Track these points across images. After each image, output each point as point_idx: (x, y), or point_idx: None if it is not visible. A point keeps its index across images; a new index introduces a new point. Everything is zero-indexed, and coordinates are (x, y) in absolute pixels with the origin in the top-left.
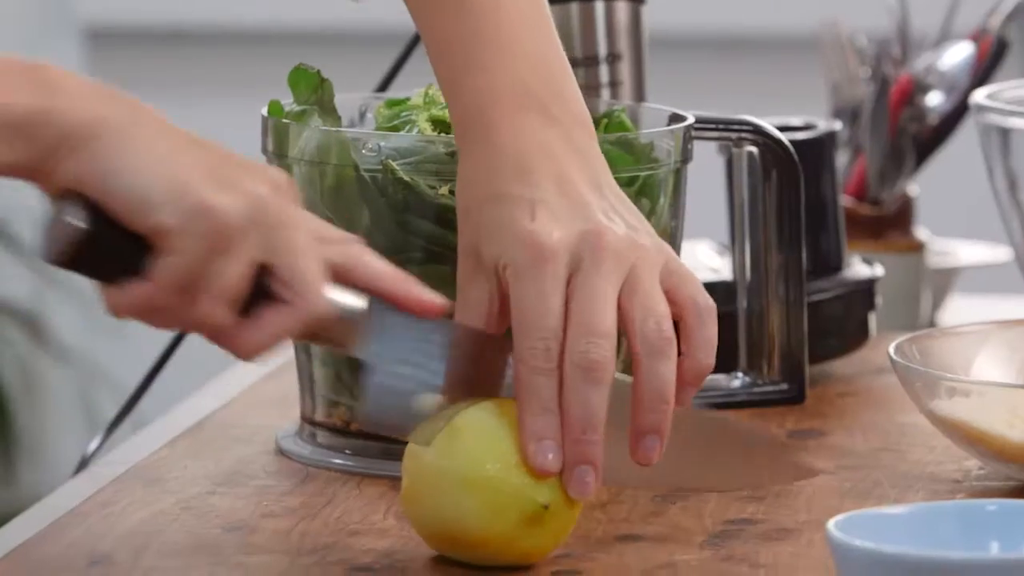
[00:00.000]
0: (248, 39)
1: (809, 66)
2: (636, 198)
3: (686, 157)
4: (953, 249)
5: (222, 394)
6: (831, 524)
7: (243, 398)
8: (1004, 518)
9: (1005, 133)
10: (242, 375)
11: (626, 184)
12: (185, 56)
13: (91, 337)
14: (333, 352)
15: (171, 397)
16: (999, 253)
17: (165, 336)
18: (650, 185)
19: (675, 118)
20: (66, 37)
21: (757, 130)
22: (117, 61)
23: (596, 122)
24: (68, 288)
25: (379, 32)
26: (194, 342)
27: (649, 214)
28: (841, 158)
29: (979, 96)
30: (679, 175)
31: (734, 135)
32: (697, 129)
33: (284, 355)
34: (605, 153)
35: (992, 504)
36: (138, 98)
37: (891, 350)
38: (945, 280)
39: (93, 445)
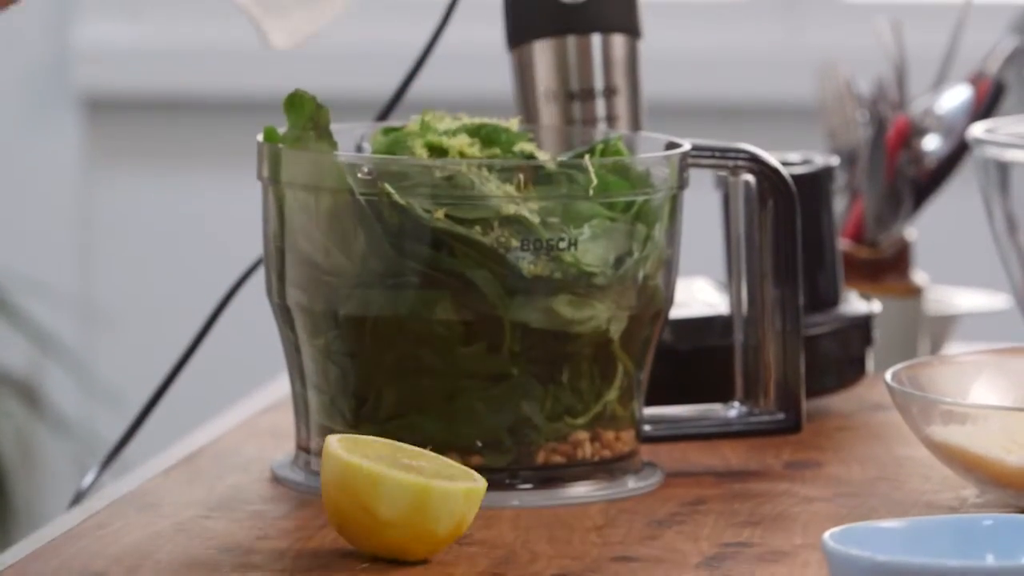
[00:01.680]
0: (246, 109)
1: (805, 134)
2: (632, 223)
3: (682, 184)
4: (951, 296)
5: (218, 428)
6: (827, 535)
7: (239, 430)
8: (1000, 532)
9: (1003, 168)
10: (240, 410)
11: (622, 210)
12: (183, 126)
13: (88, 407)
14: None
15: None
16: (997, 300)
17: (166, 414)
18: (646, 211)
19: (671, 146)
20: (64, 106)
21: (753, 158)
22: (115, 130)
23: (592, 149)
24: (65, 358)
25: (376, 101)
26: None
27: (646, 240)
28: (839, 203)
29: (977, 130)
30: (675, 202)
31: (730, 163)
32: (693, 156)
33: (281, 388)
34: (602, 179)
35: (988, 519)
36: (136, 168)
37: (888, 376)
38: (943, 327)
39: (89, 479)
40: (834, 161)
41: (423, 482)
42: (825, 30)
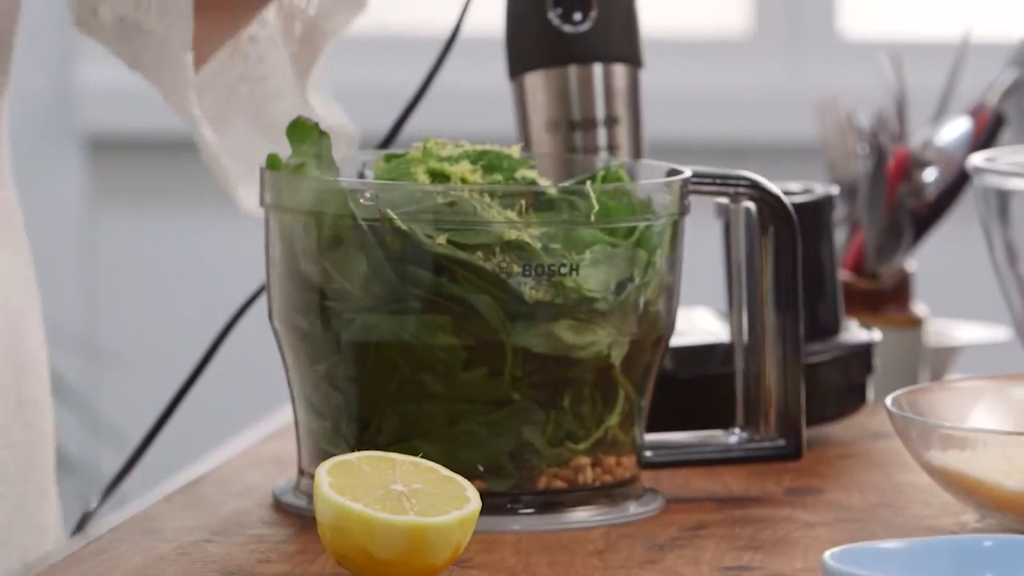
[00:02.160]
0: None
1: (807, 171)
2: (633, 249)
3: (683, 210)
4: (951, 329)
5: (220, 457)
6: (827, 555)
7: (241, 457)
8: (1000, 553)
9: (1003, 197)
10: (242, 439)
11: (624, 236)
12: (185, 165)
13: (92, 445)
14: None
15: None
16: (997, 333)
17: (167, 448)
18: (647, 237)
19: (672, 172)
20: (67, 146)
21: (754, 185)
22: (117, 170)
23: (593, 176)
24: (69, 396)
25: (378, 136)
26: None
27: (647, 266)
28: (839, 235)
29: (977, 159)
30: (676, 228)
31: (731, 190)
32: (694, 183)
33: (283, 417)
34: (603, 205)
35: (988, 539)
36: (139, 208)
37: (888, 401)
38: (943, 359)
39: (91, 506)
40: (834, 190)
41: (417, 523)
42: (826, 68)
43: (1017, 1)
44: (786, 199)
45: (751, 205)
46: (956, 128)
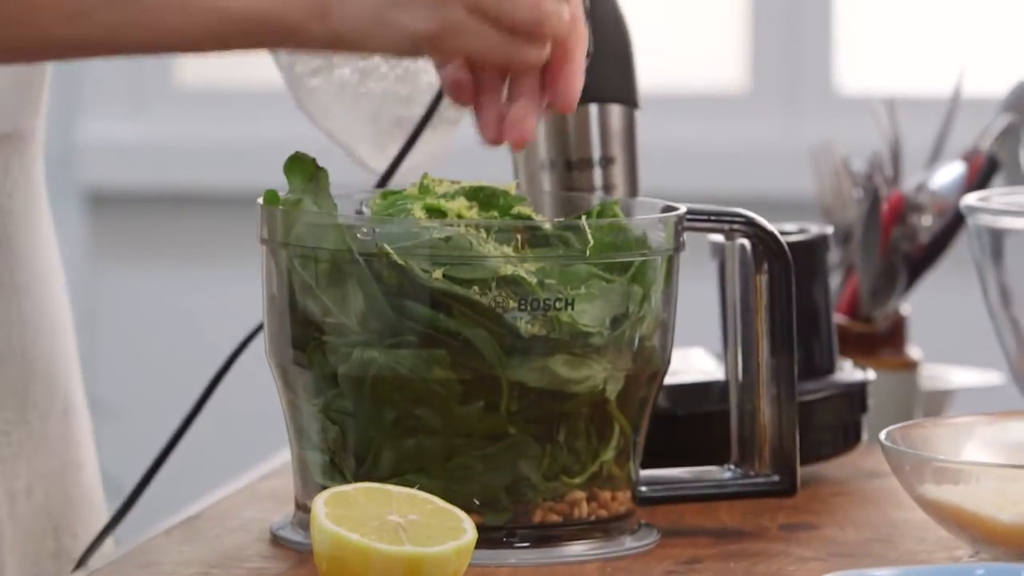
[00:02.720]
0: (247, 204)
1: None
2: (629, 285)
3: (678, 246)
4: (945, 373)
5: (219, 495)
6: None
7: (239, 494)
8: None
9: (997, 237)
10: (241, 478)
11: (619, 271)
12: (185, 220)
13: None
14: None
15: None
16: (992, 377)
17: (162, 496)
18: (643, 273)
19: (668, 209)
20: (68, 199)
21: (749, 222)
22: (117, 224)
23: (589, 212)
24: None
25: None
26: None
27: (642, 301)
28: (834, 279)
29: (970, 199)
30: (672, 264)
31: (726, 227)
32: (689, 220)
33: (281, 457)
34: (598, 241)
35: (980, 568)
36: (139, 262)
37: (882, 436)
38: (938, 403)
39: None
40: (829, 230)
41: (414, 553)
42: (823, 123)
43: (1008, 51)
44: (780, 236)
45: (746, 242)
46: (950, 172)
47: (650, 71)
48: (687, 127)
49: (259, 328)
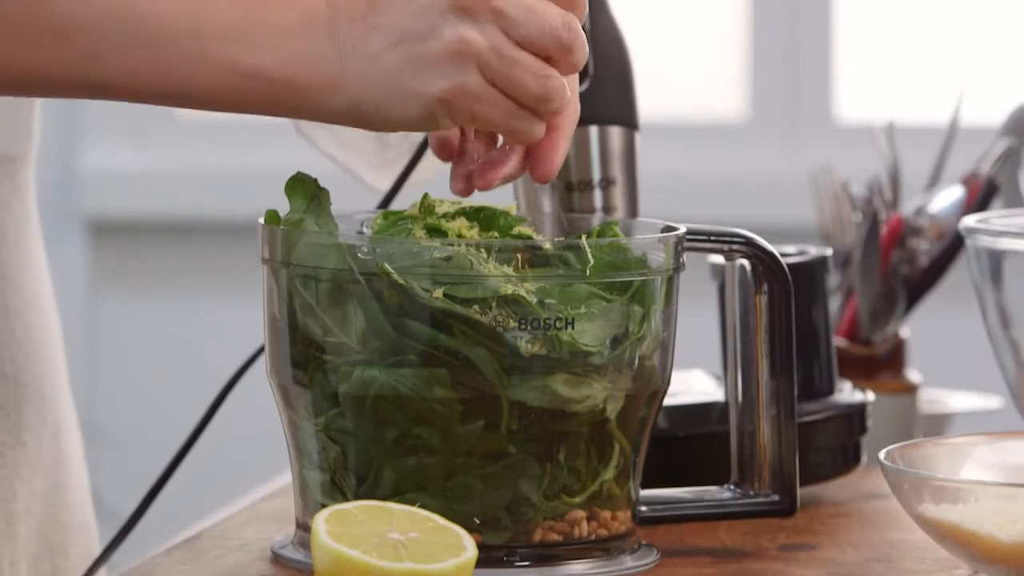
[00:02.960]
0: (248, 232)
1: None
2: (629, 304)
3: (678, 266)
4: (945, 397)
5: (220, 515)
6: None
7: (240, 514)
8: None
9: (996, 258)
10: (242, 499)
11: (619, 291)
12: (186, 249)
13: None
14: None
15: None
16: (991, 401)
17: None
18: (643, 292)
19: (668, 230)
20: (69, 228)
21: (749, 242)
22: (118, 252)
23: (589, 232)
24: None
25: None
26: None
27: (642, 320)
28: (833, 303)
29: (969, 220)
30: (671, 284)
31: (726, 247)
32: (689, 240)
33: (283, 479)
34: (598, 260)
35: None
36: (139, 291)
37: (881, 455)
38: (937, 427)
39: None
40: (828, 252)
41: (414, 570)
42: (823, 152)
43: (1006, 78)
44: (779, 256)
45: (745, 263)
46: (949, 196)
47: (651, 100)
48: (688, 156)
49: (260, 350)
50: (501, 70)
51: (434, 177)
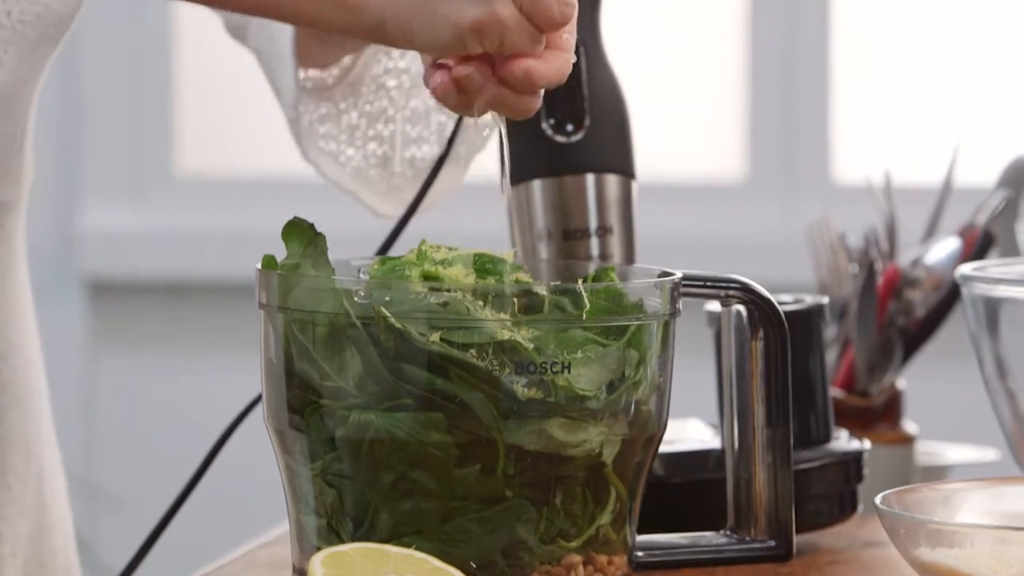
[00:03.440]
0: (245, 292)
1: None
2: (625, 349)
3: (674, 311)
4: (942, 450)
5: (217, 564)
6: None
7: (238, 561)
8: None
9: (992, 306)
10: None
11: (615, 336)
12: (184, 309)
13: None
14: None
15: None
16: (987, 454)
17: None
18: (639, 337)
19: (664, 275)
20: (69, 288)
21: (745, 288)
22: (117, 312)
23: (585, 277)
24: None
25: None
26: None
27: (638, 365)
28: (830, 355)
29: (966, 268)
30: (668, 329)
31: (722, 293)
32: (686, 285)
33: (280, 528)
34: (594, 305)
35: None
36: (138, 350)
37: (877, 500)
38: (933, 478)
39: None
40: (824, 300)
41: None
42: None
43: (1000, 135)
44: (775, 302)
45: (742, 308)
46: (946, 247)
47: (650, 162)
48: (688, 216)
49: (258, 399)
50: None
51: (442, 199)
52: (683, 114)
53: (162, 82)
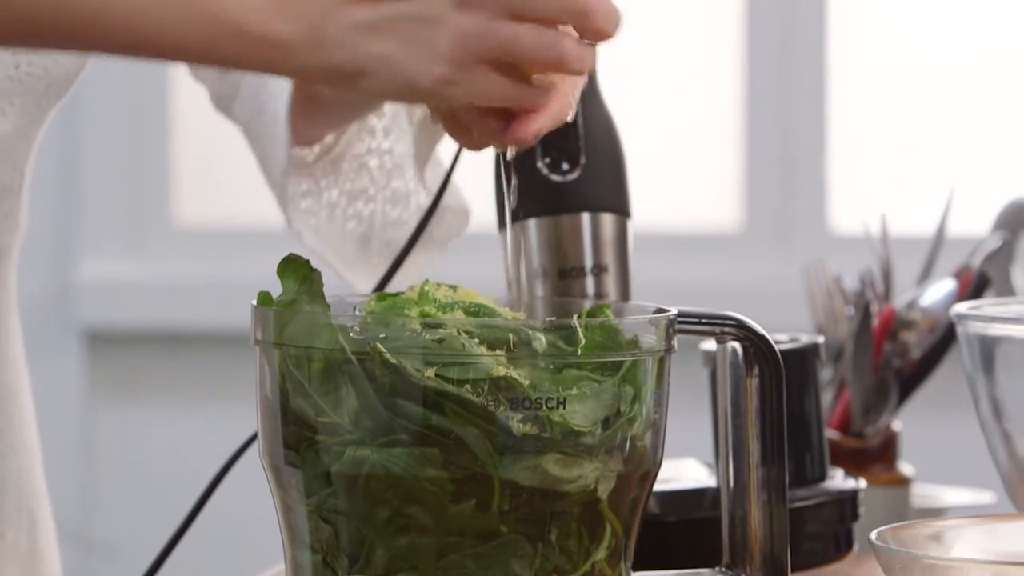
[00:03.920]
0: (242, 342)
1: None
2: (620, 385)
3: (669, 347)
4: (937, 492)
5: None
6: None
7: None
8: None
9: (988, 346)
10: None
11: (610, 372)
12: (181, 358)
13: None
14: None
15: None
16: (983, 496)
17: None
18: (634, 373)
19: (659, 311)
20: (67, 338)
21: (740, 325)
22: (115, 362)
23: (580, 314)
24: None
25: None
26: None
27: (633, 401)
28: (826, 396)
29: (961, 307)
30: (663, 365)
31: (717, 330)
32: (681, 322)
33: (276, 565)
34: (590, 341)
35: None
36: (136, 400)
37: (872, 535)
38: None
39: None
40: (820, 339)
41: None
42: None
43: (994, 181)
44: (771, 339)
45: (737, 345)
46: (941, 289)
47: (647, 212)
48: (685, 265)
49: (253, 437)
50: (505, 52)
51: (416, 276)
52: (680, 163)
53: (160, 132)
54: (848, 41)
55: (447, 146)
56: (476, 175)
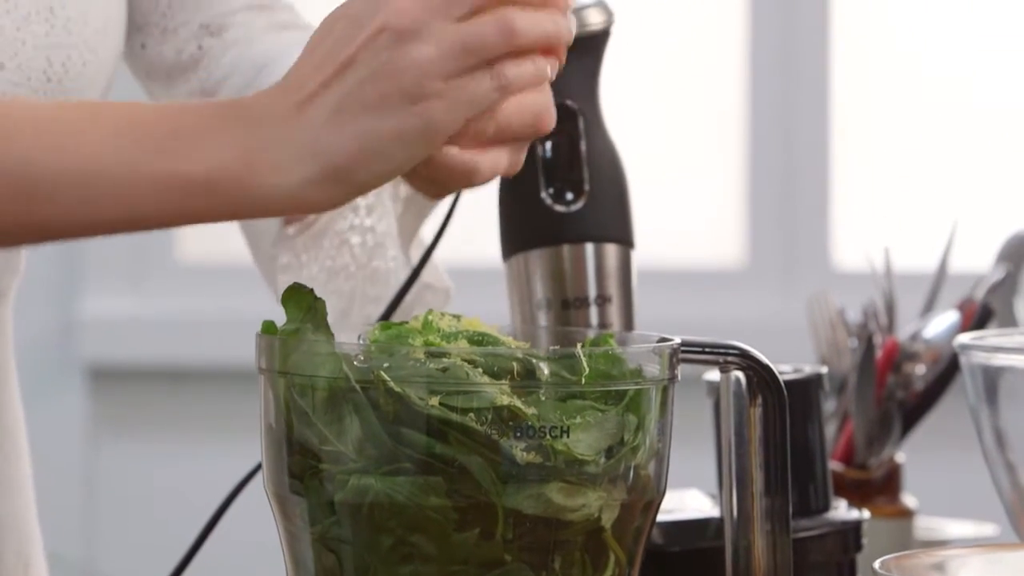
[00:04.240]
0: (246, 378)
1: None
2: (624, 414)
3: (673, 376)
4: (941, 525)
5: None
6: None
7: None
8: None
9: (992, 376)
10: None
11: (614, 400)
12: (185, 394)
13: None
14: None
15: None
16: (986, 529)
17: None
18: (638, 402)
19: (662, 340)
20: (69, 374)
21: (744, 354)
22: (118, 398)
23: (583, 343)
24: None
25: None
26: None
27: (637, 430)
28: (829, 428)
29: (964, 338)
30: (666, 394)
31: (720, 359)
32: (684, 351)
33: None
34: (593, 370)
35: None
36: (139, 436)
37: (876, 564)
38: None
39: None
40: (823, 370)
41: None
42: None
43: (997, 213)
44: (774, 369)
45: (740, 375)
46: (944, 320)
47: (651, 248)
48: (688, 300)
49: (257, 468)
50: (471, 54)
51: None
52: (683, 200)
53: None
54: (851, 77)
55: (431, 223)
56: (479, 208)
